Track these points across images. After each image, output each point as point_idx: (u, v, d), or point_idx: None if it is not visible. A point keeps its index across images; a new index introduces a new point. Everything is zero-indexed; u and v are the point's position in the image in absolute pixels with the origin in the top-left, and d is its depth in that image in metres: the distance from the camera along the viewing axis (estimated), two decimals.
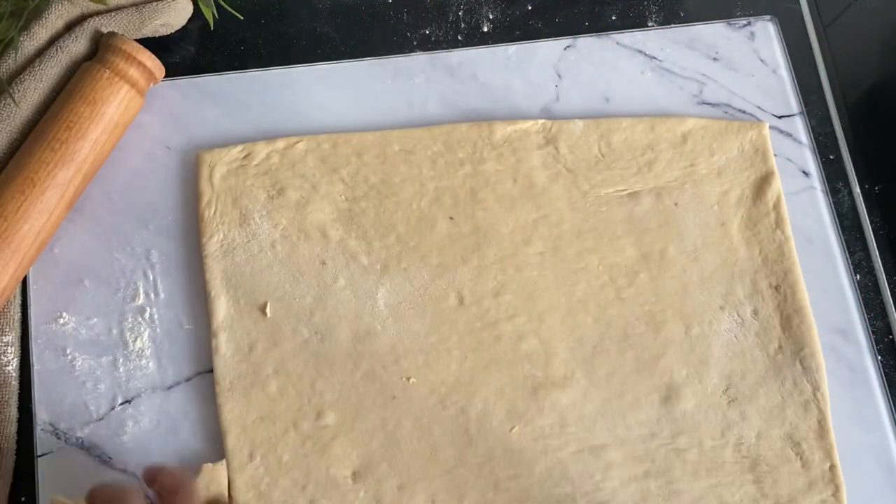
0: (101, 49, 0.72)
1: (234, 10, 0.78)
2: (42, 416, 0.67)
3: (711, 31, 0.80)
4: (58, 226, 0.70)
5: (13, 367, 0.68)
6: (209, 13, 0.77)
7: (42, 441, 0.66)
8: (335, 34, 0.80)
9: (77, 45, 0.72)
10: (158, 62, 0.73)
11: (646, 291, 0.70)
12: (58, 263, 0.71)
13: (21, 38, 0.71)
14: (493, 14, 0.81)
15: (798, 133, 0.77)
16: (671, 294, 0.70)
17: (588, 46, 0.79)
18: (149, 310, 0.70)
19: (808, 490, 0.65)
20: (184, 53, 0.78)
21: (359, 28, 0.80)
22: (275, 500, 0.64)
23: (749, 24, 0.80)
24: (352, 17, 0.81)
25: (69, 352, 0.68)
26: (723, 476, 0.66)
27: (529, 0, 0.81)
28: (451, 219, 0.72)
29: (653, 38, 0.79)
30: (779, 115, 0.77)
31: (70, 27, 0.74)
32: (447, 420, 0.67)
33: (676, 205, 0.73)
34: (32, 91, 0.71)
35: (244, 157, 0.73)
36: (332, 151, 0.73)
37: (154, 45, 0.75)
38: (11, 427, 0.66)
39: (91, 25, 0.73)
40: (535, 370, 0.68)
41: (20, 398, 0.68)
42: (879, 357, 0.70)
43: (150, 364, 0.68)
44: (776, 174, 0.73)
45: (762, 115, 0.77)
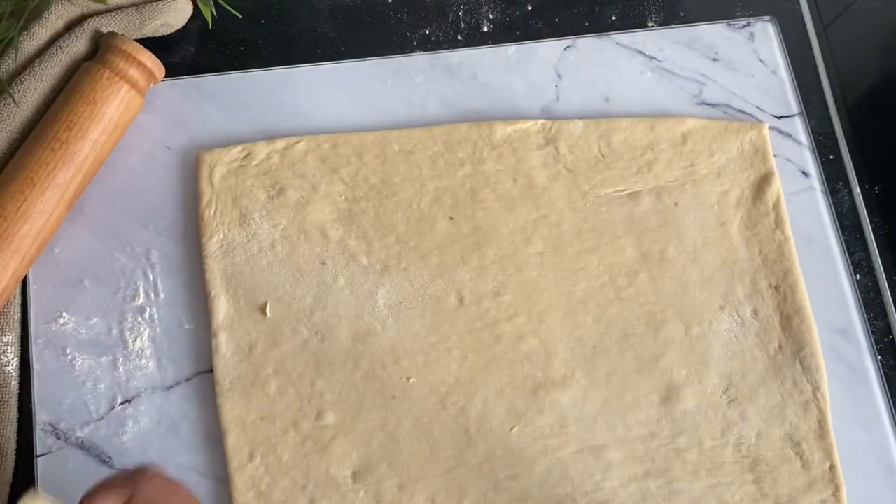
0: (101, 49, 0.72)
1: (234, 10, 0.78)
2: (42, 416, 0.67)
3: (711, 32, 0.80)
4: (58, 226, 0.70)
5: (13, 367, 0.68)
6: (208, 12, 0.77)
7: (42, 441, 0.66)
8: (335, 34, 0.80)
9: (77, 45, 0.72)
10: (158, 62, 0.73)
11: (646, 291, 0.70)
12: (58, 263, 0.71)
13: (21, 38, 0.71)
14: (493, 14, 0.81)
15: (798, 133, 0.77)
16: (671, 294, 0.70)
17: (588, 47, 0.79)
18: (149, 310, 0.70)
19: (808, 490, 0.65)
20: (184, 53, 0.78)
21: (359, 28, 0.80)
22: (275, 500, 0.64)
23: (749, 25, 0.80)
24: (352, 17, 0.81)
25: (69, 352, 0.68)
26: (723, 476, 0.66)
27: (529, 0, 0.81)
28: (451, 219, 0.72)
29: (653, 39, 0.79)
30: (778, 116, 0.77)
31: (70, 27, 0.74)
32: (447, 420, 0.67)
33: (676, 205, 0.73)
34: (32, 91, 0.71)
35: (244, 157, 0.73)
36: (332, 151, 0.73)
37: (154, 45, 0.75)
38: (11, 427, 0.66)
39: (91, 25, 0.73)
40: (535, 370, 0.68)
41: (20, 398, 0.67)
42: (879, 357, 0.70)
43: (150, 364, 0.68)
44: (776, 174, 0.73)
45: (762, 116, 0.77)
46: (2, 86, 0.70)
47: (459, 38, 0.80)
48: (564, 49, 0.79)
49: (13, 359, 0.68)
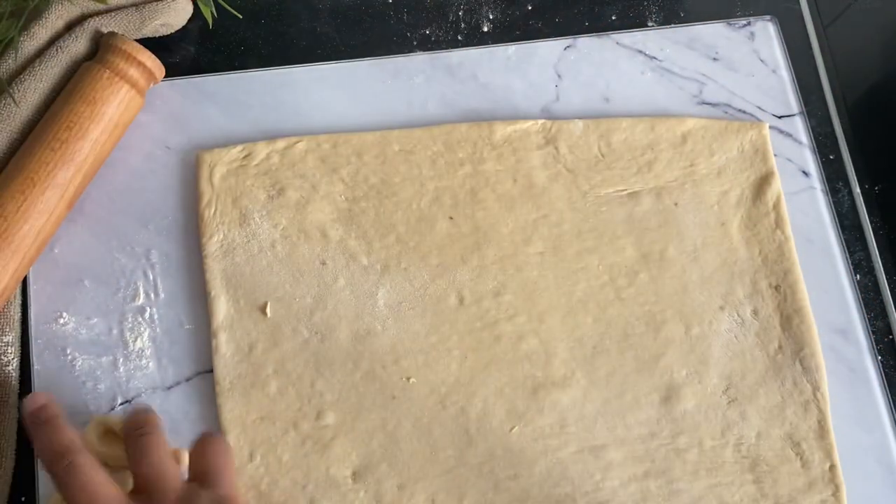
0: (101, 49, 0.72)
1: (234, 10, 0.78)
2: None
3: (711, 31, 0.80)
4: (58, 226, 0.70)
5: (13, 367, 0.68)
6: (208, 12, 0.77)
7: None
8: (335, 34, 0.80)
9: (77, 45, 0.72)
10: (158, 62, 0.73)
11: (646, 291, 0.70)
12: (58, 263, 0.71)
13: (21, 38, 0.71)
14: (493, 14, 0.81)
15: (798, 133, 0.77)
16: (671, 294, 0.70)
17: (588, 46, 0.79)
18: (149, 310, 0.70)
19: (808, 490, 0.65)
20: (184, 53, 0.78)
21: (359, 28, 0.80)
22: (275, 500, 0.64)
23: (749, 24, 0.80)
24: (352, 17, 0.81)
25: (69, 352, 0.68)
26: (723, 476, 0.66)
27: (529, 0, 0.81)
28: (451, 219, 0.72)
29: (653, 38, 0.79)
30: (779, 115, 0.77)
31: (70, 27, 0.74)
32: (447, 420, 0.67)
33: (676, 205, 0.73)
34: (32, 91, 0.71)
35: (244, 157, 0.73)
36: (332, 151, 0.73)
37: (154, 45, 0.75)
38: (11, 427, 0.66)
39: (91, 25, 0.73)
40: (535, 370, 0.68)
41: (20, 398, 0.67)
42: (879, 357, 0.70)
43: (150, 364, 0.68)
44: (776, 174, 0.73)
45: (762, 115, 0.77)
46: (2, 86, 0.70)
47: (459, 38, 0.80)
48: (564, 49, 0.79)
49: (13, 359, 0.68)
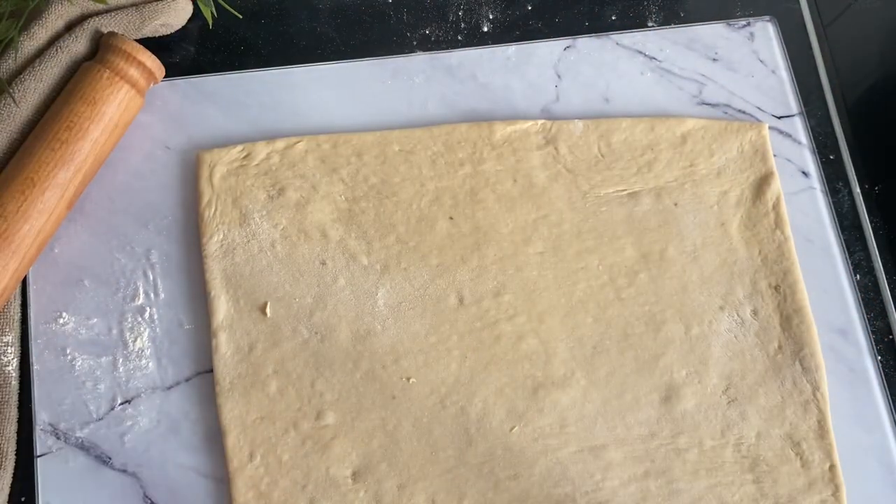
0: (101, 49, 0.72)
1: (234, 10, 0.78)
2: (42, 416, 0.67)
3: (711, 32, 0.80)
4: (58, 226, 0.70)
5: (13, 367, 0.68)
6: (208, 12, 0.77)
7: (42, 441, 0.66)
8: (335, 34, 0.80)
9: (77, 45, 0.72)
10: (158, 62, 0.73)
11: (646, 291, 0.70)
12: (58, 263, 0.71)
13: (21, 38, 0.71)
14: (493, 14, 0.81)
15: (798, 133, 0.77)
16: (671, 294, 0.70)
17: (588, 47, 0.79)
18: (149, 310, 0.70)
19: (808, 490, 0.65)
20: (184, 53, 0.78)
21: (359, 28, 0.80)
22: (275, 500, 0.64)
23: (748, 25, 0.80)
24: (352, 17, 0.81)
25: (69, 352, 0.68)
26: (723, 476, 0.66)
27: (529, 0, 0.81)
28: (451, 219, 0.72)
29: (652, 39, 0.79)
30: (778, 116, 0.77)
31: (70, 27, 0.74)
32: (447, 420, 0.67)
33: (676, 205, 0.73)
34: (32, 91, 0.71)
35: (244, 157, 0.73)
36: (332, 151, 0.73)
37: (154, 45, 0.75)
38: (11, 427, 0.66)
39: (91, 25, 0.73)
40: (535, 370, 0.68)
41: (20, 398, 0.67)
42: (879, 357, 0.70)
43: (150, 364, 0.68)
44: (776, 174, 0.73)
45: (762, 116, 0.77)
46: (2, 86, 0.70)
47: (459, 38, 0.80)
48: (564, 49, 0.79)
49: (13, 359, 0.68)
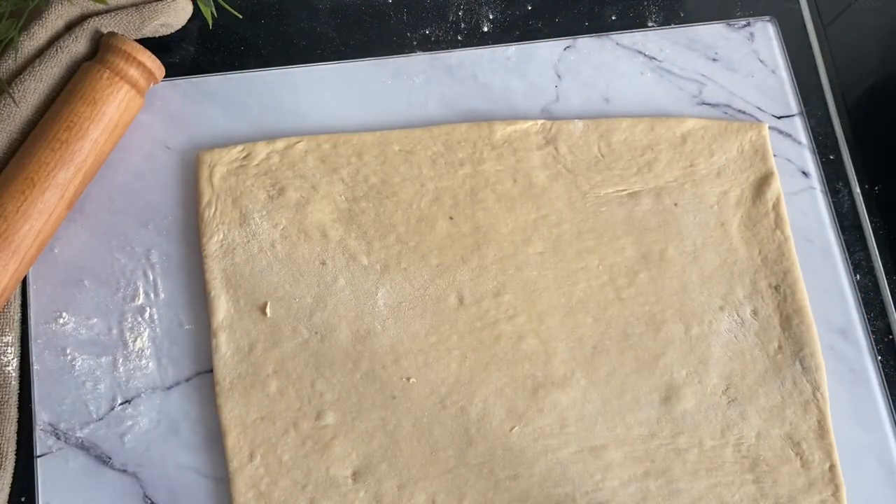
0: (101, 49, 0.72)
1: (234, 10, 0.78)
2: (42, 416, 0.67)
3: (711, 32, 0.80)
4: (58, 226, 0.70)
5: (13, 367, 0.68)
6: (208, 12, 0.77)
7: (42, 441, 0.66)
8: (335, 34, 0.80)
9: (77, 45, 0.72)
10: (158, 62, 0.73)
11: (646, 291, 0.70)
12: (58, 263, 0.71)
13: (21, 38, 0.71)
14: (493, 14, 0.81)
15: (798, 133, 0.77)
16: (671, 294, 0.70)
17: (588, 47, 0.79)
18: (149, 310, 0.70)
19: (808, 490, 0.65)
20: (184, 53, 0.78)
21: (359, 28, 0.80)
22: (275, 500, 0.64)
23: (748, 25, 0.80)
24: (352, 17, 0.81)
25: (69, 352, 0.68)
26: (723, 476, 0.66)
27: (529, 0, 0.81)
28: (451, 219, 0.72)
29: (652, 39, 0.79)
30: (778, 116, 0.77)
31: (70, 27, 0.74)
32: (447, 420, 0.67)
33: (676, 205, 0.73)
34: (32, 91, 0.71)
35: (244, 158, 0.73)
36: (332, 151, 0.73)
37: (154, 45, 0.75)
38: (11, 427, 0.66)
39: (91, 25, 0.73)
40: (535, 370, 0.68)
41: (20, 398, 0.67)
42: (879, 357, 0.70)
43: (150, 364, 0.68)
44: (776, 174, 0.73)
45: (762, 116, 0.77)
46: (2, 86, 0.70)
47: (459, 39, 0.80)
48: (564, 49, 0.79)
49: (13, 359, 0.68)
